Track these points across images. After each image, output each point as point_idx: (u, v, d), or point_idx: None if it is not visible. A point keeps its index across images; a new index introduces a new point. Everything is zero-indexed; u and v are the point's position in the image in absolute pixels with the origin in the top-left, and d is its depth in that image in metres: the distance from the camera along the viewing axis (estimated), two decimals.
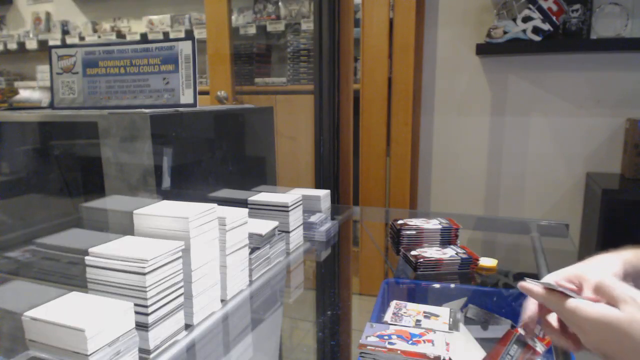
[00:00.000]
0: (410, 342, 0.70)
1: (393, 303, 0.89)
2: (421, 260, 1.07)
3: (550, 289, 0.59)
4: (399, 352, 0.67)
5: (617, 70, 2.02)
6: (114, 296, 0.73)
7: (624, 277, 0.62)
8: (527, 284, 0.61)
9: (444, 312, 0.86)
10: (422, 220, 1.24)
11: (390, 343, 0.69)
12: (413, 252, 1.11)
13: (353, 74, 2.07)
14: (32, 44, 3.69)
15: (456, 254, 1.10)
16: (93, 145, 1.07)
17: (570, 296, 0.56)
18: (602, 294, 0.54)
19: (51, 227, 1.20)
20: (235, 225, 0.94)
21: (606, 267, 0.63)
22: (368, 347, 0.68)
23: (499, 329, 0.86)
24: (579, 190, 2.15)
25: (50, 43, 3.51)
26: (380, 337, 0.71)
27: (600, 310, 0.52)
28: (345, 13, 1.97)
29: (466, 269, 1.09)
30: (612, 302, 0.52)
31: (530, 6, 1.94)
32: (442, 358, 0.66)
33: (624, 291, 0.52)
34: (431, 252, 1.12)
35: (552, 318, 0.63)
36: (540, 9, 1.93)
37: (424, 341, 0.70)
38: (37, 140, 1.25)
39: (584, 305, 0.53)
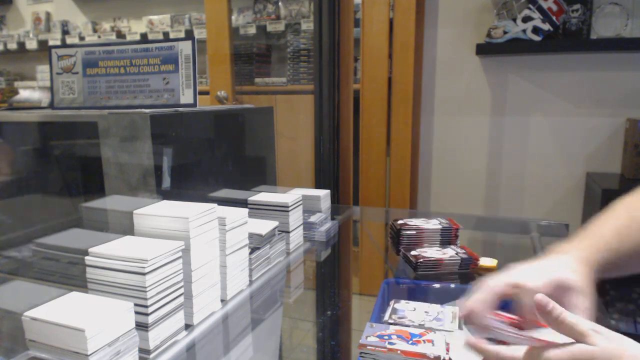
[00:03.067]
0: (410, 342, 0.70)
1: (393, 303, 0.89)
2: (421, 260, 1.07)
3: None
4: (399, 352, 0.67)
5: (617, 70, 2.02)
6: (114, 296, 0.73)
7: (557, 287, 0.60)
8: (474, 343, 0.58)
9: (444, 311, 0.86)
10: (422, 220, 1.24)
11: (390, 343, 0.69)
12: (413, 252, 1.11)
13: (353, 74, 2.07)
14: (32, 44, 3.69)
15: (456, 254, 1.10)
16: (93, 145, 1.07)
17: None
18: (565, 331, 0.53)
19: (51, 227, 1.20)
20: (235, 225, 0.94)
21: (544, 273, 0.61)
22: (368, 347, 0.68)
23: None
24: (579, 190, 2.15)
25: (50, 43, 3.51)
26: (380, 337, 0.71)
27: (572, 349, 0.50)
28: (345, 13, 1.97)
29: (466, 269, 1.09)
30: (578, 337, 0.51)
31: (530, 6, 1.94)
32: (442, 358, 0.66)
33: (588, 325, 0.51)
34: (431, 252, 1.12)
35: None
36: (540, 9, 1.93)
37: (424, 341, 0.70)
38: (37, 140, 1.25)
39: (554, 352, 0.51)
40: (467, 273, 1.09)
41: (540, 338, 0.54)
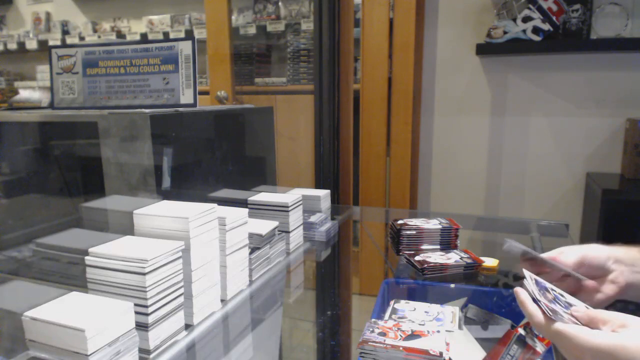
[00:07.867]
0: (411, 340, 0.69)
1: (393, 303, 0.89)
2: (425, 265, 1.06)
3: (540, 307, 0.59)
4: (401, 348, 0.67)
5: (617, 70, 2.02)
6: (114, 296, 0.73)
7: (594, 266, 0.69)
8: (522, 296, 0.61)
9: (444, 311, 0.86)
10: (422, 220, 1.24)
11: (390, 340, 0.69)
12: (417, 258, 1.11)
13: (353, 74, 2.07)
14: (32, 44, 3.69)
15: (460, 258, 1.10)
16: (93, 145, 1.07)
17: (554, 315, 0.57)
18: (597, 322, 0.55)
19: (51, 227, 1.20)
20: (235, 225, 0.94)
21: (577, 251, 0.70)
22: (369, 344, 0.68)
23: (499, 329, 0.86)
24: (579, 190, 2.15)
25: (50, 43, 3.51)
26: (381, 334, 0.71)
27: (602, 337, 0.51)
28: (345, 13, 1.97)
29: (470, 271, 1.09)
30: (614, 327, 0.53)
31: (530, 6, 1.94)
32: (443, 355, 0.66)
33: (619, 316, 0.53)
34: (435, 257, 1.11)
35: None
36: (540, 9, 1.93)
37: (424, 340, 0.70)
38: (37, 140, 1.25)
39: (583, 334, 0.52)
40: (469, 273, 1.09)
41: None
